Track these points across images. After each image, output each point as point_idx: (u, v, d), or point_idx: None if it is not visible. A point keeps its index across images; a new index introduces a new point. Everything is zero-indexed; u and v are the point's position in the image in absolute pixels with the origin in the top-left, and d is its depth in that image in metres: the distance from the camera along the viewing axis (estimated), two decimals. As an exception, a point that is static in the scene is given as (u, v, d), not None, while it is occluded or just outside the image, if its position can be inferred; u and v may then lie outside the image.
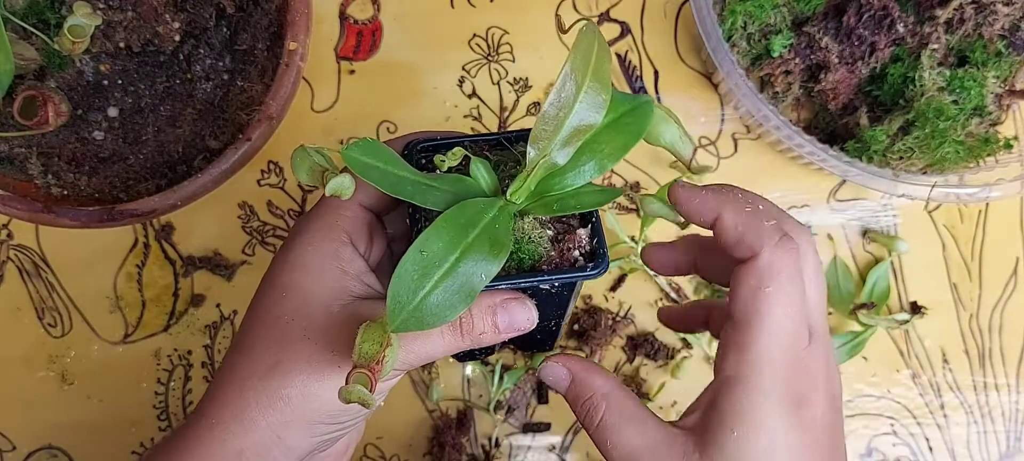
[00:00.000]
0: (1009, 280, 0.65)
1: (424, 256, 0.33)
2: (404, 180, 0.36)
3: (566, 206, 0.36)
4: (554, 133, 0.35)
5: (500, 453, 0.61)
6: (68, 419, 0.59)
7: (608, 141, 0.37)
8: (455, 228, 0.34)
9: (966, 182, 0.58)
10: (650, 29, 0.66)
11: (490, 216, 0.35)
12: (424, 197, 0.36)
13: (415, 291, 0.32)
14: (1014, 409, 0.63)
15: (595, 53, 0.34)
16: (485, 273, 0.33)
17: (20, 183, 0.54)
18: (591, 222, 0.39)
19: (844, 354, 0.61)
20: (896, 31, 0.58)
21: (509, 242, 0.34)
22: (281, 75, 0.53)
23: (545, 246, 0.38)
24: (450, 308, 0.33)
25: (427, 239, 0.33)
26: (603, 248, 0.38)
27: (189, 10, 0.54)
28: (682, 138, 0.39)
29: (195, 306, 0.61)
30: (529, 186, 0.36)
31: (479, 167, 0.37)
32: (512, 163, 0.40)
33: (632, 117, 0.38)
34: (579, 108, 0.34)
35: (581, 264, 0.38)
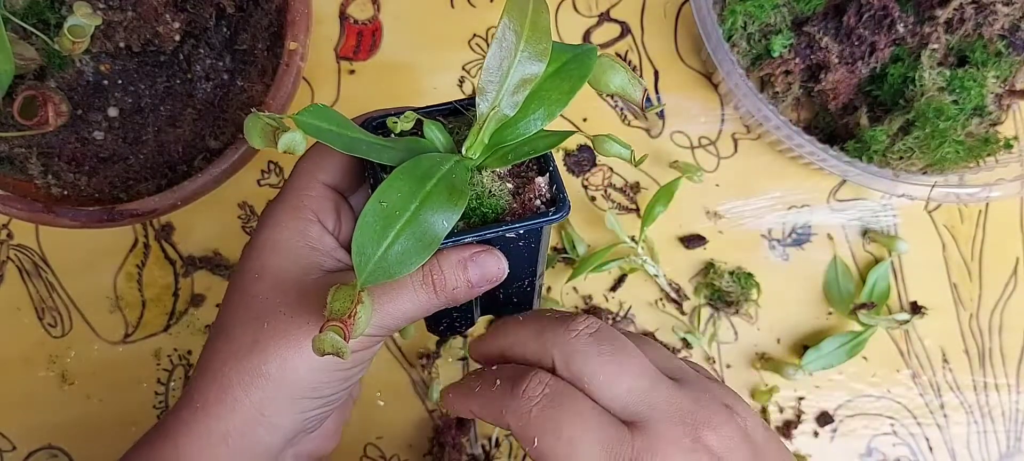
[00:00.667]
0: (1009, 280, 0.65)
1: (384, 206, 0.33)
2: (358, 140, 0.36)
3: (520, 153, 0.37)
4: (501, 84, 0.35)
5: (500, 453, 0.61)
6: (68, 419, 0.59)
7: (554, 88, 0.38)
8: (413, 179, 0.34)
9: (966, 182, 0.58)
10: (650, 29, 0.66)
11: (446, 167, 0.36)
12: (379, 154, 0.37)
13: (378, 241, 0.33)
14: (1014, 409, 0.63)
15: (532, 4, 0.35)
16: (445, 219, 0.34)
17: (20, 183, 0.54)
18: (549, 171, 0.39)
19: (844, 354, 0.61)
20: (896, 31, 0.58)
21: (466, 190, 0.35)
22: (281, 75, 0.53)
23: (507, 199, 0.38)
24: (415, 254, 0.33)
25: (386, 190, 0.34)
26: (563, 193, 0.39)
27: (189, 10, 0.54)
28: (631, 81, 0.39)
29: (195, 306, 0.61)
30: (483, 140, 0.37)
31: (433, 128, 0.38)
32: (465, 127, 0.40)
33: (576, 63, 0.38)
34: (521, 58, 0.35)
35: (543, 211, 0.38)
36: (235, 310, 0.39)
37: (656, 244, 0.63)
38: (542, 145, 0.37)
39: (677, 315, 0.63)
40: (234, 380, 0.37)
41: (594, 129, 0.64)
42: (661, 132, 0.64)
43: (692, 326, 0.63)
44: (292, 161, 0.62)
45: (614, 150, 0.39)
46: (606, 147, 0.39)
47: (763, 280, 0.63)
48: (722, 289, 0.62)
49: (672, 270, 0.63)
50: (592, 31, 0.65)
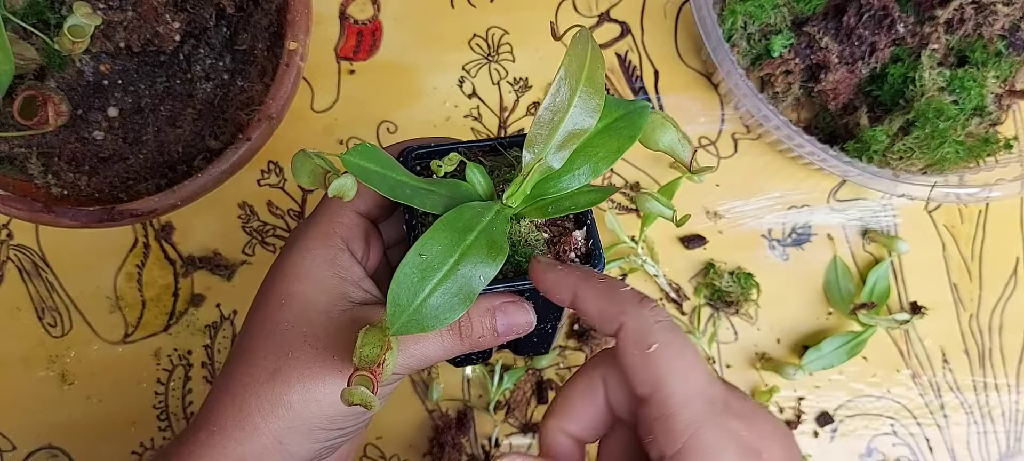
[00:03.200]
0: (1009, 280, 0.65)
1: (423, 259, 0.33)
2: (402, 184, 0.36)
3: (561, 208, 0.37)
4: (549, 137, 0.35)
5: (500, 453, 0.61)
6: (68, 419, 0.59)
7: (602, 145, 0.37)
8: (453, 231, 0.34)
9: (966, 182, 0.58)
10: (650, 29, 0.66)
11: (487, 219, 0.35)
12: (422, 200, 0.36)
13: (414, 294, 0.32)
14: (1014, 409, 0.63)
15: (589, 58, 0.35)
16: (484, 275, 0.34)
17: (20, 183, 0.54)
18: (586, 224, 0.39)
19: (844, 354, 0.61)
20: (896, 31, 0.58)
21: (506, 245, 0.35)
22: (281, 75, 0.53)
23: (541, 249, 0.38)
24: (450, 310, 0.33)
25: (426, 242, 0.33)
26: (598, 249, 0.38)
27: (189, 10, 0.54)
28: (681, 141, 0.39)
29: (195, 306, 0.61)
30: (525, 190, 0.36)
31: (475, 172, 0.38)
32: (507, 168, 0.40)
33: (626, 121, 0.38)
34: (573, 113, 0.35)
35: (577, 265, 0.38)
36: (258, 335, 0.38)
37: (656, 244, 0.63)
38: (584, 202, 0.37)
39: (677, 315, 0.63)
40: (254, 406, 0.37)
41: (594, 129, 0.64)
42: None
43: (692, 326, 0.63)
44: (292, 161, 0.62)
45: (656, 209, 0.37)
46: (648, 206, 0.37)
47: (763, 280, 0.63)
48: (722, 289, 0.62)
49: (672, 270, 0.63)
50: (592, 31, 0.65)
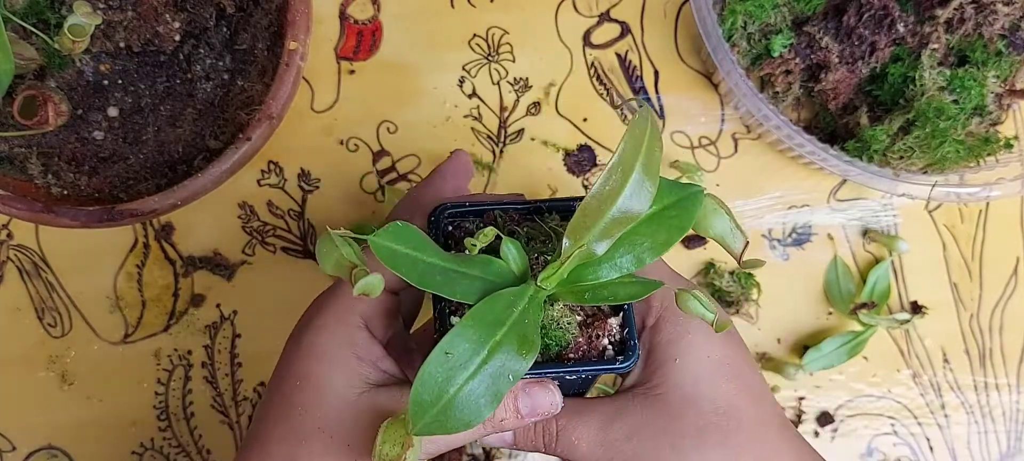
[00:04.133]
0: (1009, 280, 0.65)
1: (450, 358, 0.31)
2: (434, 268, 0.34)
3: (598, 297, 0.35)
4: (593, 225, 0.33)
5: (500, 453, 0.61)
6: (68, 419, 0.59)
7: (649, 234, 0.35)
8: (483, 326, 0.32)
9: (966, 182, 0.58)
10: (650, 29, 0.66)
11: (519, 309, 0.34)
12: (452, 288, 0.34)
13: (439, 395, 0.31)
14: (1015, 409, 0.63)
15: (647, 141, 0.33)
16: (513, 373, 0.32)
17: (20, 183, 0.54)
18: (623, 310, 0.37)
19: (844, 354, 0.61)
20: (896, 31, 0.58)
21: (538, 339, 0.33)
22: (281, 75, 0.53)
23: (573, 332, 0.37)
24: (475, 412, 0.32)
25: (454, 340, 0.32)
26: (634, 339, 0.37)
27: (189, 10, 0.54)
28: (733, 231, 0.37)
29: (195, 306, 0.61)
30: (561, 274, 0.34)
31: (510, 249, 0.36)
32: (543, 238, 0.38)
33: (677, 209, 0.36)
34: (622, 201, 0.33)
35: (609, 354, 0.37)
36: (275, 419, 0.38)
37: (656, 244, 0.63)
38: (624, 294, 0.35)
39: (677, 315, 0.63)
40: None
41: (594, 129, 0.64)
42: (661, 132, 0.64)
43: (692, 326, 0.63)
44: (295, 161, 0.62)
45: (697, 310, 0.35)
46: (690, 306, 0.35)
47: (763, 280, 0.63)
48: (722, 289, 0.62)
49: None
50: (592, 31, 0.65)
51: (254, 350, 0.61)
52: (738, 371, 0.40)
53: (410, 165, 0.63)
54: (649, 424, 0.38)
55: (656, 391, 0.39)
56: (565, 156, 0.64)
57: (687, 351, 0.39)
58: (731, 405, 0.39)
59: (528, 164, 0.63)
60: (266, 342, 0.61)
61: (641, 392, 0.39)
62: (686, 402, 0.38)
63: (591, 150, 0.64)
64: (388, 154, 0.63)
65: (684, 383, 0.39)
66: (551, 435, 0.39)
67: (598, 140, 0.64)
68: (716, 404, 0.38)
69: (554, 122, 0.64)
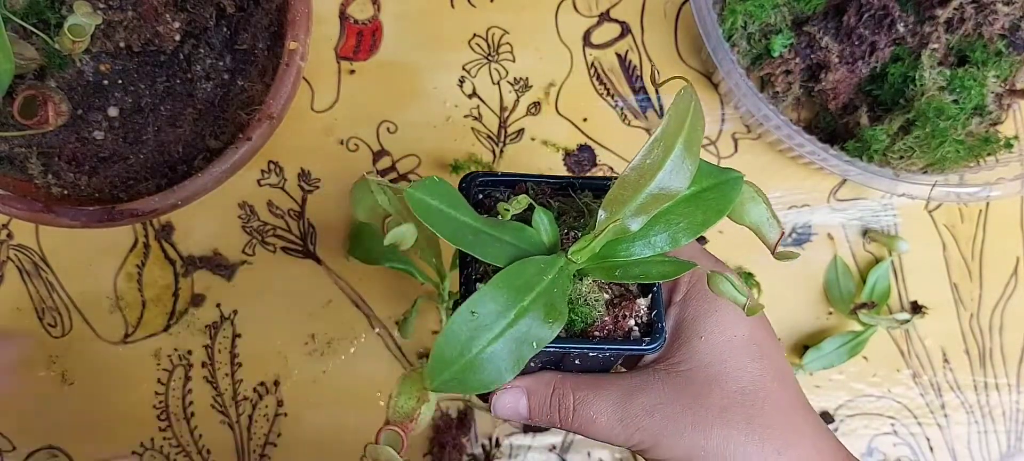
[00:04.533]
0: (1009, 280, 0.65)
1: (476, 317, 0.31)
2: (466, 227, 0.34)
3: (629, 274, 0.34)
4: (631, 199, 0.32)
5: (500, 453, 0.61)
6: (68, 419, 0.59)
7: (686, 215, 0.35)
8: (512, 289, 0.32)
9: (966, 181, 0.58)
10: (650, 29, 0.66)
11: (549, 278, 0.33)
12: (484, 249, 0.34)
13: (462, 353, 0.31)
14: (1015, 409, 0.63)
15: (689, 119, 0.32)
16: (537, 340, 0.32)
17: (20, 183, 0.54)
18: (652, 292, 0.37)
19: (844, 354, 0.61)
20: (896, 31, 0.58)
21: (565, 309, 0.33)
22: (281, 75, 0.53)
23: (600, 310, 0.36)
24: (496, 375, 0.31)
25: (481, 299, 0.32)
26: (662, 322, 0.36)
27: (189, 10, 0.54)
28: (769, 220, 0.36)
29: (195, 306, 0.61)
30: (594, 248, 0.34)
31: (542, 218, 0.35)
32: (575, 214, 0.38)
33: (716, 192, 0.35)
34: (662, 176, 0.32)
35: (635, 335, 0.36)
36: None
37: (656, 244, 0.63)
38: (656, 273, 0.34)
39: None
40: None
41: (594, 129, 0.64)
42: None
43: (692, 326, 0.63)
44: (295, 161, 0.62)
45: (729, 292, 0.35)
46: (722, 288, 0.35)
47: (763, 280, 0.63)
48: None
49: (672, 270, 0.63)
50: (592, 31, 0.65)
51: (254, 350, 0.61)
52: (765, 351, 0.39)
53: (410, 165, 0.63)
54: (671, 401, 0.37)
55: (680, 367, 0.38)
56: (565, 156, 0.64)
57: (714, 329, 0.38)
58: (756, 385, 0.38)
59: (528, 164, 0.63)
60: (266, 342, 0.61)
61: (664, 368, 0.38)
62: (710, 380, 0.38)
63: (591, 150, 0.64)
64: (388, 154, 0.63)
65: (710, 361, 0.38)
66: (567, 409, 0.39)
67: (598, 140, 0.64)
68: (741, 384, 0.38)
69: (554, 122, 0.64)
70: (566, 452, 0.61)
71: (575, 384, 0.39)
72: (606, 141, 0.64)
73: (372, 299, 0.61)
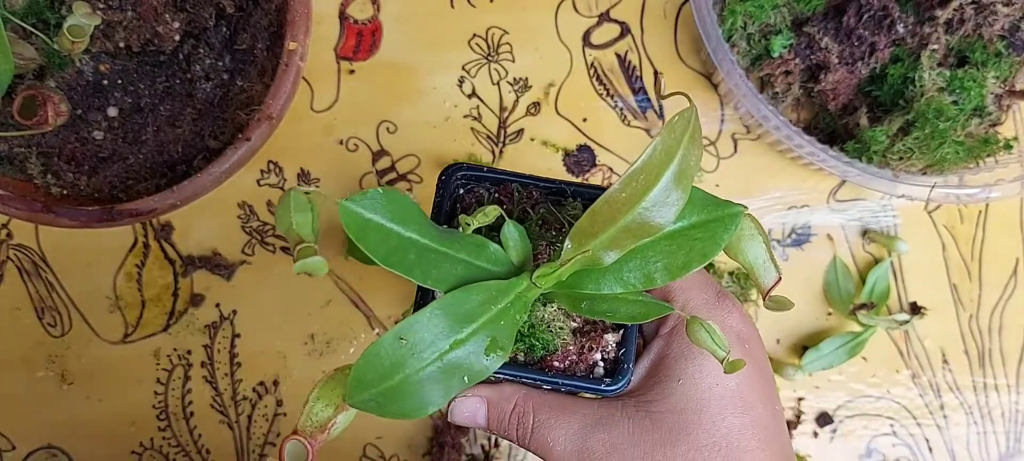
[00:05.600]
0: (1009, 280, 0.65)
1: (403, 345, 0.28)
2: (409, 244, 0.30)
3: (596, 310, 0.31)
4: (600, 232, 0.29)
5: (499, 453, 0.61)
6: (68, 419, 0.59)
7: (666, 253, 0.31)
8: (450, 319, 0.29)
9: (966, 182, 0.58)
10: (650, 29, 0.66)
11: (498, 308, 0.30)
12: (426, 272, 0.30)
13: (384, 377, 0.28)
14: (1014, 409, 0.63)
15: (682, 148, 0.29)
16: (471, 374, 0.29)
17: (20, 183, 0.54)
18: (624, 328, 0.34)
19: (844, 355, 0.61)
20: (896, 31, 0.58)
21: (510, 345, 0.30)
22: (281, 75, 0.53)
23: (565, 337, 0.33)
24: (417, 406, 0.28)
25: (413, 327, 0.29)
26: (628, 362, 0.33)
27: (189, 10, 0.54)
28: (766, 262, 0.33)
29: (195, 306, 0.61)
30: (560, 276, 0.31)
31: (512, 231, 0.32)
32: (558, 225, 0.34)
33: (705, 231, 0.31)
34: (641, 211, 0.28)
35: (598, 372, 0.34)
36: None
37: (656, 244, 0.63)
38: (624, 313, 0.31)
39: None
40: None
41: (594, 129, 0.64)
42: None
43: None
44: (294, 161, 0.62)
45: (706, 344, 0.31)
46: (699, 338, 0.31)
47: (763, 280, 0.63)
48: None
49: (672, 270, 0.63)
50: (592, 31, 0.65)
51: (253, 350, 0.61)
52: (749, 404, 0.36)
53: (410, 165, 0.63)
54: (634, 443, 0.35)
55: (650, 407, 0.35)
56: (565, 156, 0.64)
57: (696, 373, 0.35)
58: (732, 443, 0.35)
59: (528, 164, 0.63)
60: (266, 342, 0.61)
61: (633, 403, 0.36)
62: (681, 429, 0.35)
63: (590, 150, 0.64)
64: (388, 154, 0.63)
65: (684, 407, 0.35)
66: (525, 429, 0.37)
67: (598, 140, 0.64)
68: (714, 438, 0.35)
69: (554, 122, 0.64)
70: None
71: (538, 404, 0.36)
72: (606, 141, 0.64)
73: (371, 299, 0.61)
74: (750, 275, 0.34)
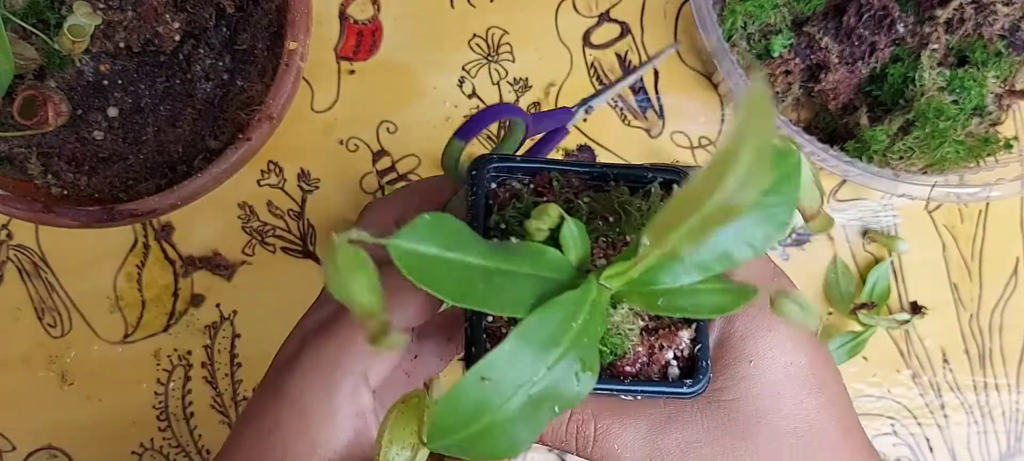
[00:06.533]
0: (1009, 280, 0.65)
1: (486, 385, 0.25)
2: (473, 273, 0.26)
3: (675, 306, 0.28)
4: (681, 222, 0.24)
5: (500, 453, 0.61)
6: (68, 419, 0.59)
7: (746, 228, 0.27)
8: (535, 346, 0.26)
9: (966, 182, 0.58)
10: (650, 29, 0.66)
11: (580, 322, 0.27)
12: (500, 299, 0.26)
13: (467, 422, 0.25)
14: (1014, 409, 0.63)
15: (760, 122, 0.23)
16: (562, 403, 0.26)
17: (20, 183, 0.54)
18: (697, 322, 0.30)
19: (844, 354, 0.61)
20: (896, 31, 0.58)
21: (598, 358, 0.27)
22: (281, 75, 0.53)
23: (633, 339, 0.30)
24: (508, 445, 0.25)
25: (495, 364, 0.25)
26: (705, 360, 0.30)
27: (189, 10, 0.54)
28: (810, 186, 0.30)
29: (195, 306, 0.61)
30: (631, 275, 0.28)
31: (572, 229, 0.29)
32: (607, 215, 0.31)
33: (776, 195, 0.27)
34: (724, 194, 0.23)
35: (673, 372, 0.30)
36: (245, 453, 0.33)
37: (656, 244, 0.63)
38: (708, 306, 0.28)
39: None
40: None
41: (593, 129, 0.64)
42: (661, 132, 0.64)
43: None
44: (294, 161, 0.62)
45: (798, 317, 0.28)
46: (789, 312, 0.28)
47: (763, 280, 0.63)
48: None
49: (672, 270, 0.63)
50: (592, 31, 0.65)
51: (254, 350, 0.61)
52: (824, 382, 0.33)
53: (410, 165, 0.63)
54: (711, 439, 0.32)
55: (722, 397, 0.33)
56: (564, 156, 0.64)
57: (767, 353, 0.32)
58: (813, 426, 0.32)
59: (528, 164, 0.63)
60: (266, 342, 0.60)
61: (704, 395, 0.32)
62: (759, 416, 0.32)
63: (591, 150, 0.64)
64: (388, 154, 0.63)
65: (759, 393, 0.32)
66: (586, 438, 0.34)
67: (598, 140, 0.64)
68: (795, 423, 0.32)
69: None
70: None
71: (597, 409, 0.33)
72: (606, 141, 0.64)
73: (372, 299, 0.61)
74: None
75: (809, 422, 0.32)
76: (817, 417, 0.33)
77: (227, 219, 0.62)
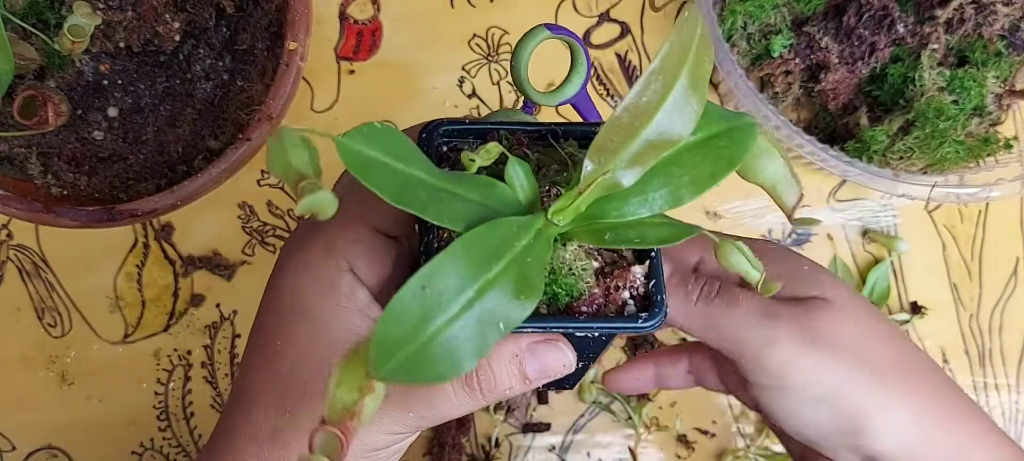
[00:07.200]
0: (1009, 280, 0.65)
1: (427, 293, 0.25)
2: (416, 182, 0.27)
3: (622, 239, 0.29)
4: (622, 146, 0.26)
5: (500, 453, 0.61)
6: (68, 419, 0.59)
7: (691, 166, 0.29)
8: (474, 259, 0.26)
9: (966, 182, 0.58)
10: (650, 29, 0.66)
11: (522, 244, 0.27)
12: (438, 210, 0.28)
13: (412, 335, 0.25)
14: (1014, 409, 0.63)
15: (695, 47, 0.27)
16: (505, 322, 0.26)
17: (20, 183, 0.54)
18: (650, 258, 0.31)
19: (844, 354, 0.61)
20: (896, 31, 0.58)
21: (541, 282, 0.27)
22: (281, 75, 0.53)
23: (588, 280, 0.31)
24: (453, 364, 0.25)
25: (435, 271, 0.25)
26: (660, 293, 0.31)
27: (189, 10, 0.54)
28: (787, 177, 0.30)
29: (195, 306, 0.61)
30: (578, 208, 0.29)
31: (517, 169, 0.30)
32: (557, 167, 0.32)
33: (727, 140, 0.29)
34: (661, 117, 0.26)
35: (630, 310, 0.31)
36: (257, 383, 0.34)
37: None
38: (653, 237, 0.29)
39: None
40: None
41: (594, 129, 0.64)
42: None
43: (692, 326, 0.62)
44: (292, 161, 0.62)
45: (742, 266, 0.30)
46: (731, 260, 0.30)
47: (763, 280, 0.63)
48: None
49: (672, 270, 0.63)
50: (592, 31, 0.65)
51: (254, 350, 0.61)
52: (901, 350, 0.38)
53: (410, 165, 0.63)
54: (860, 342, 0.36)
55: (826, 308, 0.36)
56: (565, 156, 0.64)
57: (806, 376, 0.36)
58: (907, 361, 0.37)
59: (528, 164, 0.63)
60: (266, 342, 0.61)
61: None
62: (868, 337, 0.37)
63: (591, 150, 0.64)
64: (388, 154, 0.63)
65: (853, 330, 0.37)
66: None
67: (598, 140, 0.64)
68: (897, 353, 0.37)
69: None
70: (566, 452, 0.61)
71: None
72: (606, 141, 0.64)
73: (372, 299, 0.61)
74: (771, 195, 0.31)
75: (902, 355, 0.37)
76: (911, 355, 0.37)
77: (227, 219, 0.62)
